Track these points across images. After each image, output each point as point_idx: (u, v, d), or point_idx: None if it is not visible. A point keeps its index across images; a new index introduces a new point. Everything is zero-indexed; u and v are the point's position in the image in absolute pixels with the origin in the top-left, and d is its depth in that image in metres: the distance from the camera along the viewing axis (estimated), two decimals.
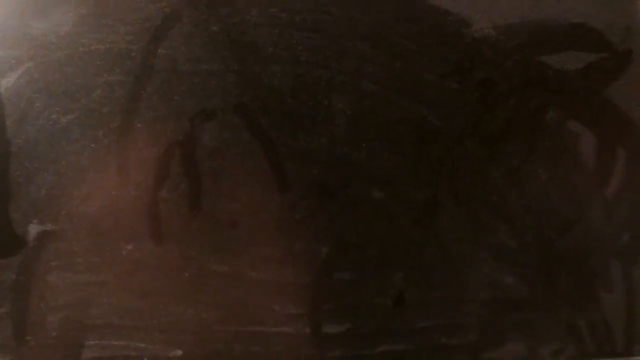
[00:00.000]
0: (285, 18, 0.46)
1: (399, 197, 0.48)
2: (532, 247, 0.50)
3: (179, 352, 0.45)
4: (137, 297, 0.44)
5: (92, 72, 0.43)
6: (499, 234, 0.50)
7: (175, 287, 0.45)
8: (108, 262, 0.43)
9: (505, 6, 0.49)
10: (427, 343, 0.49)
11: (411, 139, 0.48)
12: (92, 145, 0.43)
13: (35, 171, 0.43)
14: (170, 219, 0.44)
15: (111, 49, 0.43)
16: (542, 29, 0.50)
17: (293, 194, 0.46)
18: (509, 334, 0.50)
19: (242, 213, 0.46)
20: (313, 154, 0.47)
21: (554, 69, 0.49)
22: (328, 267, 0.47)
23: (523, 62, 0.49)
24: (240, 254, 0.45)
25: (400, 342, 0.49)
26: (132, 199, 0.44)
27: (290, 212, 0.46)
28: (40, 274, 0.43)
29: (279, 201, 0.46)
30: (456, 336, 0.49)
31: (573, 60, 0.50)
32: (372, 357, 0.48)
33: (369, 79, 0.48)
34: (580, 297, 0.51)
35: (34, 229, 0.42)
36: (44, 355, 0.43)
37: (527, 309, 0.50)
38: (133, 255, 0.44)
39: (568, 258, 0.51)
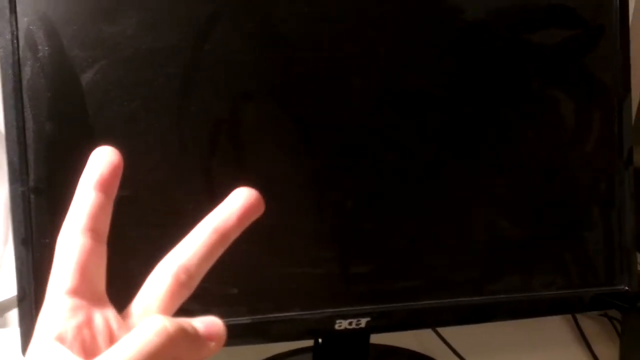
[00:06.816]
0: (308, 11, 0.52)
1: (410, 157, 0.55)
2: (523, 194, 0.57)
3: (235, 290, 0.52)
4: None
5: (153, 66, 0.49)
6: (494, 185, 0.56)
7: None
8: (173, 219, 0.50)
9: None
10: (438, 279, 0.56)
11: (418, 107, 0.54)
12: (156, 125, 0.50)
13: (113, 147, 0.50)
14: (221, 181, 0.51)
15: (166, 46, 0.50)
16: (525, 11, 0.55)
17: (320, 158, 0.53)
18: (506, 270, 0.57)
19: (279, 175, 0.53)
20: (335, 124, 0.53)
21: (536, 44, 0.56)
22: (353, 218, 0.54)
23: (509, 40, 0.55)
24: (280, 209, 0.52)
25: (414, 279, 0.56)
26: (190, 166, 0.51)
27: (319, 173, 0.53)
28: (120, 229, 0.50)
29: (309, 164, 0.53)
30: (461, 272, 0.57)
31: (552, 36, 0.56)
32: (391, 292, 0.56)
33: (379, 59, 0.54)
34: (565, 236, 0.58)
35: None
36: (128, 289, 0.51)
37: (521, 247, 0.57)
38: (193, 212, 0.51)
39: (554, 203, 0.58)
